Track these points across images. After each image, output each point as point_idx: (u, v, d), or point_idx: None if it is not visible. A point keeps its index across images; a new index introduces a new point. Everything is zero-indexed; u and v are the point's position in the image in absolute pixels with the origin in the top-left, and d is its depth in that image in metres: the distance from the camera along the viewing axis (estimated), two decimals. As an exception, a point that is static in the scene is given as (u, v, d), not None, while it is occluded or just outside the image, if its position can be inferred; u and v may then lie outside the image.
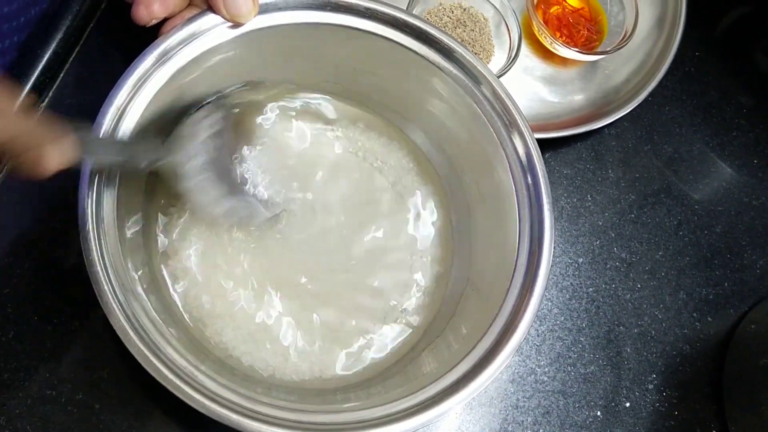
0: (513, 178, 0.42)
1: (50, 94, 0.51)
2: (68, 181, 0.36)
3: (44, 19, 0.51)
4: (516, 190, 0.42)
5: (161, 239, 0.45)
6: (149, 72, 0.38)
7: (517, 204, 0.41)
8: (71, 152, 0.32)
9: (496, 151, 0.42)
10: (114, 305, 0.33)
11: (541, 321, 0.54)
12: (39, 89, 0.50)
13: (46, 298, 0.46)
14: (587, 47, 0.61)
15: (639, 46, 0.62)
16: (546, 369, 0.52)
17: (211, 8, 0.40)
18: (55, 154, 0.30)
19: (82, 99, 0.51)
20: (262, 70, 0.47)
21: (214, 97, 0.46)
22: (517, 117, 0.42)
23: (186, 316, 0.44)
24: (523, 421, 0.51)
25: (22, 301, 0.46)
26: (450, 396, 0.35)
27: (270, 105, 0.50)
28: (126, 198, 0.39)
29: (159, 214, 0.46)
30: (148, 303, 0.36)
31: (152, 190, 0.45)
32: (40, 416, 0.44)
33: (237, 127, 0.47)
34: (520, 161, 0.41)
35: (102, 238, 0.34)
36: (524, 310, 0.38)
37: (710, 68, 0.65)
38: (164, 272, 0.45)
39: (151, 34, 0.40)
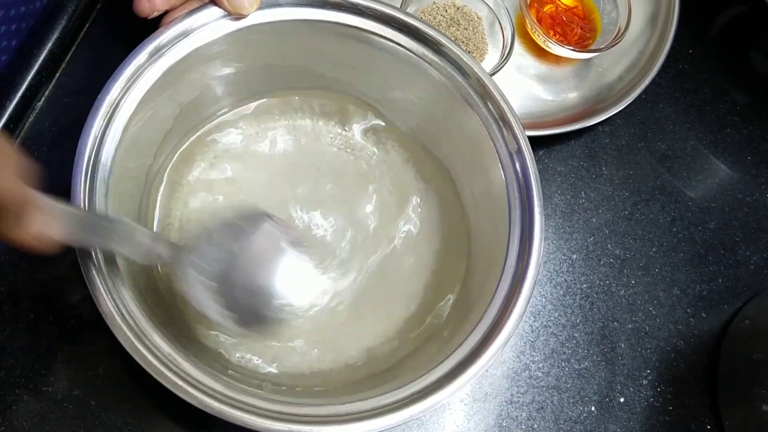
0: (505, 177, 0.42)
1: (47, 92, 0.51)
2: (64, 179, 0.36)
3: (40, 18, 0.51)
4: (507, 190, 0.42)
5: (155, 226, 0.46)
6: (144, 66, 0.38)
7: (509, 204, 0.42)
8: (56, 226, 0.30)
9: (488, 148, 0.43)
10: (103, 291, 0.33)
11: (535, 317, 0.54)
12: (35, 88, 0.50)
13: (42, 296, 0.47)
14: (580, 45, 0.61)
15: (632, 44, 0.62)
16: (540, 365, 0.53)
17: (213, 1, 0.40)
18: (37, 221, 0.28)
19: (78, 98, 0.51)
20: (259, 66, 0.47)
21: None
22: (506, 110, 0.42)
23: (176, 306, 0.44)
24: (517, 417, 0.51)
25: (18, 299, 0.46)
26: (435, 391, 0.35)
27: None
28: (121, 191, 0.39)
29: (156, 204, 0.46)
30: (137, 290, 0.37)
31: (151, 181, 0.46)
32: (37, 413, 0.44)
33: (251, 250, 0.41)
34: (512, 160, 0.42)
35: None
36: (511, 311, 0.38)
37: (704, 66, 0.66)
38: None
39: (152, 27, 0.41)
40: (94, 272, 0.34)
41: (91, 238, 0.34)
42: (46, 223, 0.29)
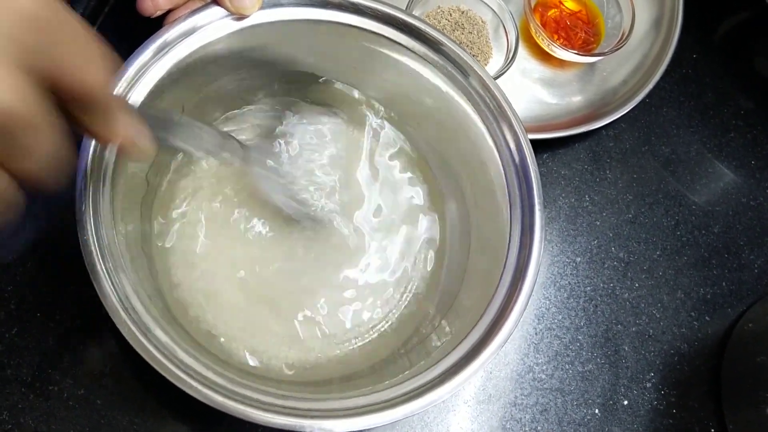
0: (505, 174, 0.42)
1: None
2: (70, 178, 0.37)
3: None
4: (508, 187, 0.42)
5: (157, 224, 0.46)
6: (148, 64, 0.39)
7: (509, 201, 0.42)
8: (141, 126, 0.30)
9: (488, 145, 0.43)
10: (107, 287, 0.34)
11: (539, 319, 0.54)
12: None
13: (49, 296, 0.47)
14: (585, 49, 0.62)
15: (636, 48, 0.63)
16: (544, 367, 0.53)
17: (215, 1, 0.41)
18: (125, 120, 0.28)
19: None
20: (261, 66, 0.47)
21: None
22: (505, 107, 0.42)
23: (176, 300, 0.45)
24: (521, 419, 0.51)
25: (25, 298, 0.47)
26: (436, 387, 0.36)
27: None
28: (124, 189, 0.40)
29: (159, 203, 0.47)
30: (140, 286, 0.37)
31: (153, 180, 0.46)
32: (43, 411, 0.45)
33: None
34: (512, 157, 0.42)
35: (97, 221, 0.35)
36: (512, 308, 0.38)
37: (707, 70, 0.66)
38: (158, 254, 0.45)
39: (158, 28, 0.41)
40: (99, 269, 0.34)
41: (171, 138, 0.35)
42: (132, 122, 0.29)
